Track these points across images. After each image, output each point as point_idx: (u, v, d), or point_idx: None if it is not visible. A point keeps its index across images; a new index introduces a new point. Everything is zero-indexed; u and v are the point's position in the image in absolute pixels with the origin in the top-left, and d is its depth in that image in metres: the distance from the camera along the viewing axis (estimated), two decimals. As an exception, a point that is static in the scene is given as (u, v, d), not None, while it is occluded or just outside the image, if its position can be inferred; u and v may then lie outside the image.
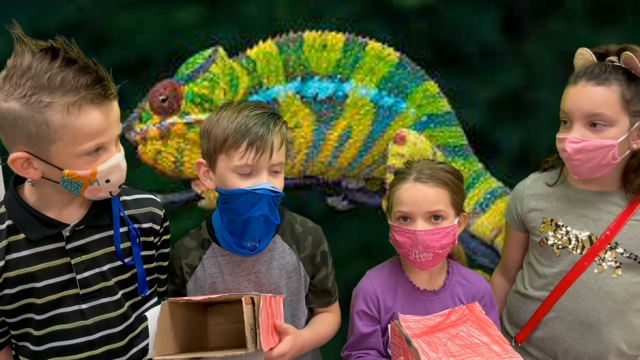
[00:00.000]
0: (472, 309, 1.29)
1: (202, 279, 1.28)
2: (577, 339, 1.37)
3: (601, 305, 1.34)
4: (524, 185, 1.48)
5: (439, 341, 1.18)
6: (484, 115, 1.72)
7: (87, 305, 1.15)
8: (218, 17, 1.57)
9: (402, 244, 1.29)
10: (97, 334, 1.16)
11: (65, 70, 1.00)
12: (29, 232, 1.11)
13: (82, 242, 1.15)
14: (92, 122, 1.03)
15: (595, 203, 1.36)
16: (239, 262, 1.28)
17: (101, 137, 1.05)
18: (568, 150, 1.28)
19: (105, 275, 1.17)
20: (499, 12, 1.66)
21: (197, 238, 1.31)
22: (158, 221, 1.25)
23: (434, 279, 1.37)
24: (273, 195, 1.18)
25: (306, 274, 1.33)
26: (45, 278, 1.13)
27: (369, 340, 1.35)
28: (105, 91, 1.04)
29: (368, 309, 1.35)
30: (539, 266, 1.43)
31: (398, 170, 1.37)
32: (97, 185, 1.08)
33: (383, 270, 1.41)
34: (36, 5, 1.48)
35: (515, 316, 1.49)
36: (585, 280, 1.35)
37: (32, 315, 1.14)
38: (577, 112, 1.28)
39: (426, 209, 1.27)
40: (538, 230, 1.42)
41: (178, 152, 1.62)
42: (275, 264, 1.29)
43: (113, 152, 1.09)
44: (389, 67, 1.67)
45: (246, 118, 1.18)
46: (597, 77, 1.27)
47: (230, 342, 1.23)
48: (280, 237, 1.30)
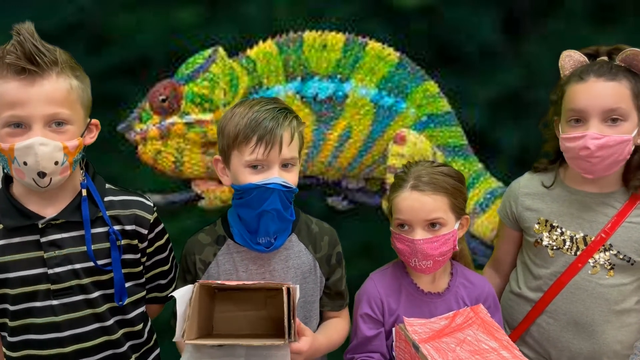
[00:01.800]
0: (476, 311, 1.28)
1: (216, 275, 1.26)
2: (571, 339, 1.37)
3: (595, 305, 1.34)
4: (518, 184, 1.48)
5: (447, 347, 1.17)
6: (484, 115, 1.72)
7: (57, 301, 1.15)
8: (218, 17, 1.57)
9: (402, 252, 1.29)
10: (67, 331, 1.16)
11: (7, 45, 1.06)
12: (5, 219, 1.14)
13: (57, 237, 1.14)
14: (9, 91, 1.06)
15: (591, 204, 1.36)
16: (254, 259, 1.27)
17: (18, 109, 1.06)
18: (591, 147, 1.24)
19: (78, 274, 1.16)
20: (499, 12, 1.66)
21: (212, 234, 1.30)
22: (145, 225, 1.23)
23: (438, 281, 1.37)
24: (285, 190, 1.18)
25: (322, 275, 1.32)
26: (17, 269, 1.13)
27: (373, 343, 1.34)
28: (17, 61, 1.05)
29: (372, 312, 1.34)
30: (533, 266, 1.43)
31: (397, 174, 1.36)
32: (17, 165, 1.07)
33: (386, 273, 1.41)
34: (36, 5, 1.48)
35: (509, 316, 1.49)
36: (579, 281, 1.35)
37: (6, 305, 1.15)
38: (595, 108, 1.25)
39: (424, 217, 1.27)
40: (532, 231, 1.42)
41: (178, 152, 1.62)
42: (291, 263, 1.28)
43: (36, 133, 1.07)
44: (389, 67, 1.67)
45: (257, 113, 1.19)
46: (606, 73, 1.27)
47: (240, 330, 1.21)
48: (297, 237, 1.30)
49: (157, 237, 1.28)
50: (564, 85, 1.34)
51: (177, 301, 1.08)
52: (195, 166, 1.64)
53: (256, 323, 1.22)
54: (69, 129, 1.11)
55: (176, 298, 1.08)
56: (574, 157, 1.30)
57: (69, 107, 1.11)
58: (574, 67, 1.35)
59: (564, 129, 1.32)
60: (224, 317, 1.21)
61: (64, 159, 1.10)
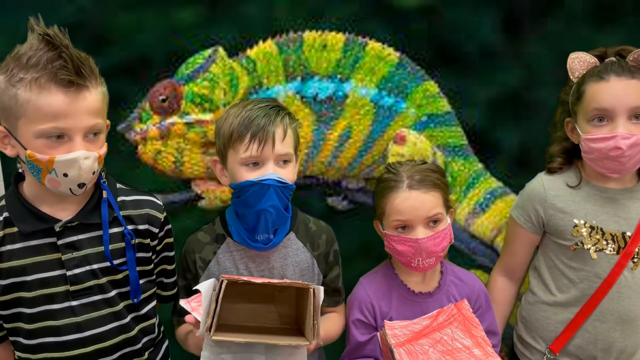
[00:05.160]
0: (460, 307, 1.27)
1: (216, 273, 1.28)
2: (618, 337, 1.37)
3: (639, 300, 1.35)
4: (542, 186, 1.44)
5: (420, 349, 1.17)
6: (484, 115, 1.72)
7: (77, 302, 1.15)
8: (218, 17, 1.57)
9: (403, 253, 1.29)
10: (88, 331, 1.16)
11: (47, 53, 1.05)
12: (21, 224, 1.13)
13: (74, 239, 1.15)
14: (53, 103, 1.04)
15: (622, 200, 1.36)
16: (253, 257, 1.28)
17: (61, 121, 1.05)
18: (623, 147, 1.25)
19: (96, 274, 1.17)
20: (499, 12, 1.66)
21: (211, 233, 1.32)
22: (157, 224, 1.25)
23: (428, 280, 1.37)
24: (280, 186, 1.19)
25: (319, 273, 1.33)
26: (35, 272, 1.13)
27: (367, 348, 1.34)
28: (69, 76, 1.04)
29: (364, 317, 1.34)
30: (569, 271, 1.40)
31: (382, 177, 1.35)
32: (54, 175, 1.07)
33: (376, 276, 1.40)
34: (36, 5, 1.47)
35: (543, 328, 1.45)
36: (623, 279, 1.35)
37: (22, 309, 1.14)
38: (621, 106, 1.26)
39: (425, 215, 1.27)
40: (570, 234, 1.38)
41: (178, 152, 1.62)
42: (289, 260, 1.30)
43: (78, 145, 1.07)
44: (389, 67, 1.67)
45: (249, 112, 1.22)
46: (625, 72, 1.27)
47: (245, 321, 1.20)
48: (295, 235, 1.31)
49: (166, 235, 1.30)
50: (581, 85, 1.33)
51: (203, 295, 1.08)
52: (195, 166, 1.64)
53: (263, 316, 1.23)
54: (101, 137, 1.13)
55: (201, 291, 1.08)
56: (601, 158, 1.29)
57: (102, 116, 1.13)
58: (584, 68, 1.34)
59: (585, 129, 1.31)
60: (232, 308, 1.21)
61: (97, 167, 1.12)
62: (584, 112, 1.31)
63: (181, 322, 1.31)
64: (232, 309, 1.21)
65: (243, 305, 1.23)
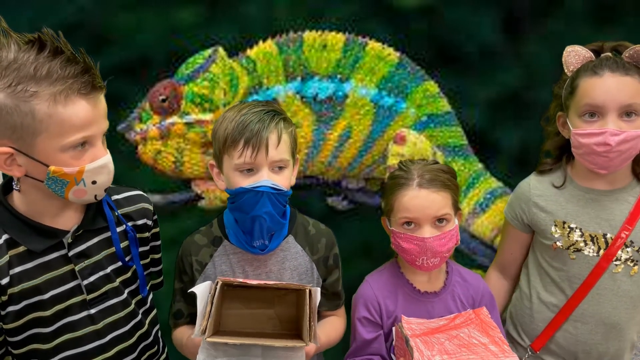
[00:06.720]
0: (478, 313, 1.28)
1: (213, 276, 1.26)
2: (600, 340, 1.36)
3: (621, 304, 1.34)
4: (528, 186, 1.45)
5: (437, 341, 1.18)
6: (484, 115, 1.72)
7: (95, 309, 1.14)
8: (218, 17, 1.57)
9: (409, 251, 1.28)
10: (108, 336, 1.16)
11: (53, 61, 0.98)
12: (30, 244, 1.08)
13: (84, 247, 1.13)
14: (79, 113, 1.00)
15: (605, 202, 1.35)
16: (250, 261, 1.27)
17: (88, 129, 1.02)
18: (611, 143, 1.24)
19: (110, 277, 1.16)
20: (499, 12, 1.66)
21: (209, 235, 1.30)
22: (150, 216, 1.26)
23: (434, 280, 1.37)
24: (274, 193, 1.18)
25: (319, 277, 1.32)
26: (50, 289, 1.10)
27: (372, 345, 1.34)
28: (93, 80, 1.02)
29: (370, 315, 1.34)
30: (552, 270, 1.40)
31: (394, 174, 1.35)
32: (82, 186, 1.04)
33: (382, 275, 1.40)
34: (36, 5, 1.48)
35: (528, 325, 1.46)
36: (604, 282, 1.34)
37: (38, 330, 1.11)
38: (613, 102, 1.25)
39: (433, 214, 1.27)
40: (549, 234, 1.39)
41: (178, 152, 1.62)
42: (287, 264, 1.28)
43: (100, 149, 1.06)
44: (389, 67, 1.67)
45: (244, 116, 1.19)
46: (620, 68, 1.26)
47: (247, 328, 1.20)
48: (294, 238, 1.30)
49: (154, 225, 1.30)
50: (575, 79, 1.32)
51: (198, 298, 1.08)
52: (195, 166, 1.64)
53: (263, 321, 1.22)
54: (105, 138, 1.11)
55: (196, 294, 1.07)
56: (589, 153, 1.28)
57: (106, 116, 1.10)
58: (579, 62, 1.33)
59: (576, 124, 1.30)
60: (232, 314, 1.21)
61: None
62: (575, 107, 1.30)
63: (177, 325, 1.31)
64: (232, 315, 1.21)
65: (243, 312, 1.22)
